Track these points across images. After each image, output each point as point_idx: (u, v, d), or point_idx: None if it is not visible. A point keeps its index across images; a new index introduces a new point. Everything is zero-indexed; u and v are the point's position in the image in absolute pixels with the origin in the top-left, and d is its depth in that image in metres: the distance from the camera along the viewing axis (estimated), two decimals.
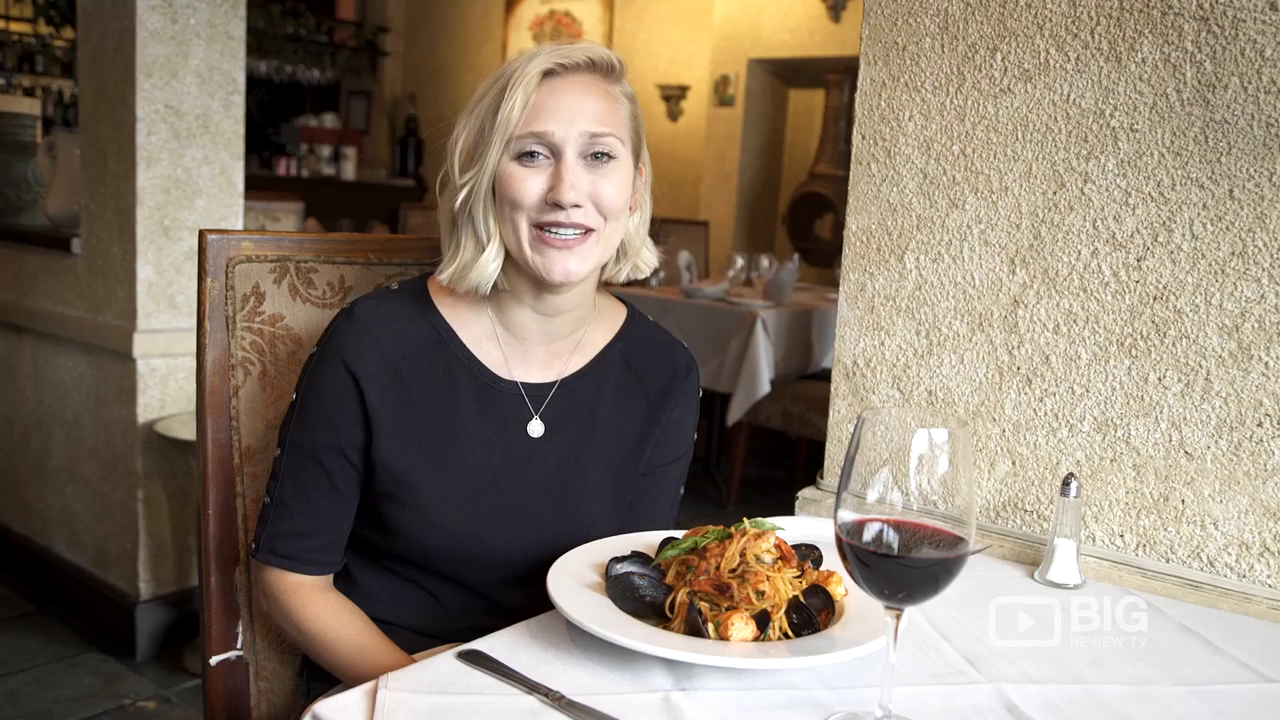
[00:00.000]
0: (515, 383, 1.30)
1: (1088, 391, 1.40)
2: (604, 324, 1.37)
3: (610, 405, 1.34)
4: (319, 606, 1.26)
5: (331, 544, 1.27)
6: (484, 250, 1.21)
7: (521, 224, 1.19)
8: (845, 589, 1.11)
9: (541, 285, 1.23)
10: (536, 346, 1.31)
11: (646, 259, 1.33)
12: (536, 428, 1.30)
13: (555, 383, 1.31)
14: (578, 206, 1.18)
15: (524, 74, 1.17)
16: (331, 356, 1.24)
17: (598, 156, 1.20)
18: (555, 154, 1.19)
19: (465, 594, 1.31)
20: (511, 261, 1.24)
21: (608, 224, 1.22)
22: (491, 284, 1.24)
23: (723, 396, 4.69)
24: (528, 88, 1.17)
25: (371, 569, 1.32)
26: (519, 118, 1.17)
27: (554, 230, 1.19)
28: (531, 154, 1.18)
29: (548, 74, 1.19)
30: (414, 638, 1.30)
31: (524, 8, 8.50)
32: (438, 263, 1.28)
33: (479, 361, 1.28)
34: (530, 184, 1.18)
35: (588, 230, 1.20)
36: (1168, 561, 1.36)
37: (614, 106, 1.22)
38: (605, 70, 1.23)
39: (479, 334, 1.29)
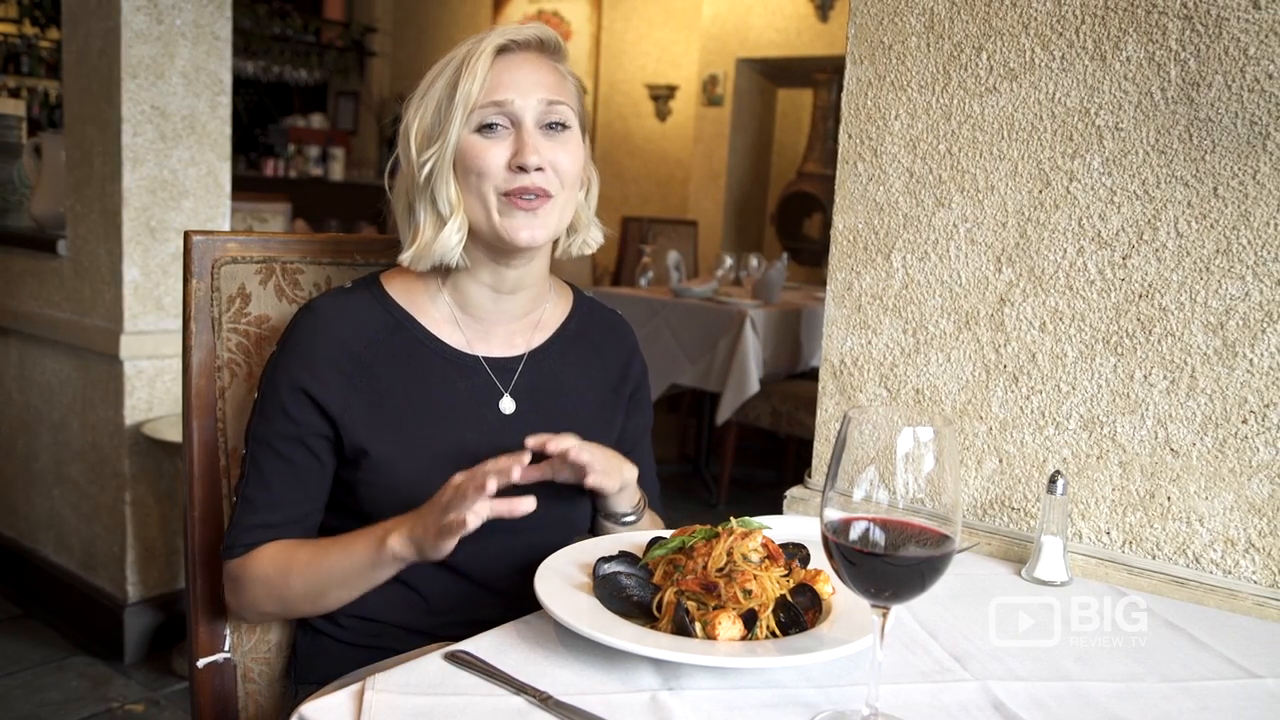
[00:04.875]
0: (479, 358, 1.32)
1: (1074, 389, 1.40)
2: (559, 302, 1.42)
3: (576, 377, 1.38)
4: (280, 549, 1.26)
5: (298, 536, 1.27)
6: (446, 224, 1.25)
7: (489, 193, 1.23)
8: (832, 587, 1.11)
9: (504, 252, 1.27)
10: (496, 326, 1.34)
11: (594, 236, 1.38)
12: (508, 404, 1.33)
13: (523, 356, 1.35)
14: (540, 170, 1.23)
15: (479, 51, 1.23)
16: (292, 350, 1.26)
17: (553, 126, 1.25)
18: (515, 123, 1.24)
19: (452, 585, 1.31)
20: (473, 236, 1.27)
21: (564, 190, 1.27)
22: (457, 256, 1.26)
23: (712, 396, 4.70)
24: (485, 63, 1.22)
25: None
26: (479, 91, 1.22)
27: (520, 196, 1.23)
28: (491, 125, 1.23)
29: (502, 50, 1.24)
30: (402, 634, 1.30)
31: (512, 8, 8.49)
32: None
33: (441, 342, 1.31)
34: (494, 153, 1.23)
35: (548, 195, 1.25)
36: (1154, 558, 1.36)
37: (563, 80, 1.29)
38: (553, 49, 1.29)
39: (438, 318, 1.32)
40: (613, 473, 1.28)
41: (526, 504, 1.08)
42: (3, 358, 3.38)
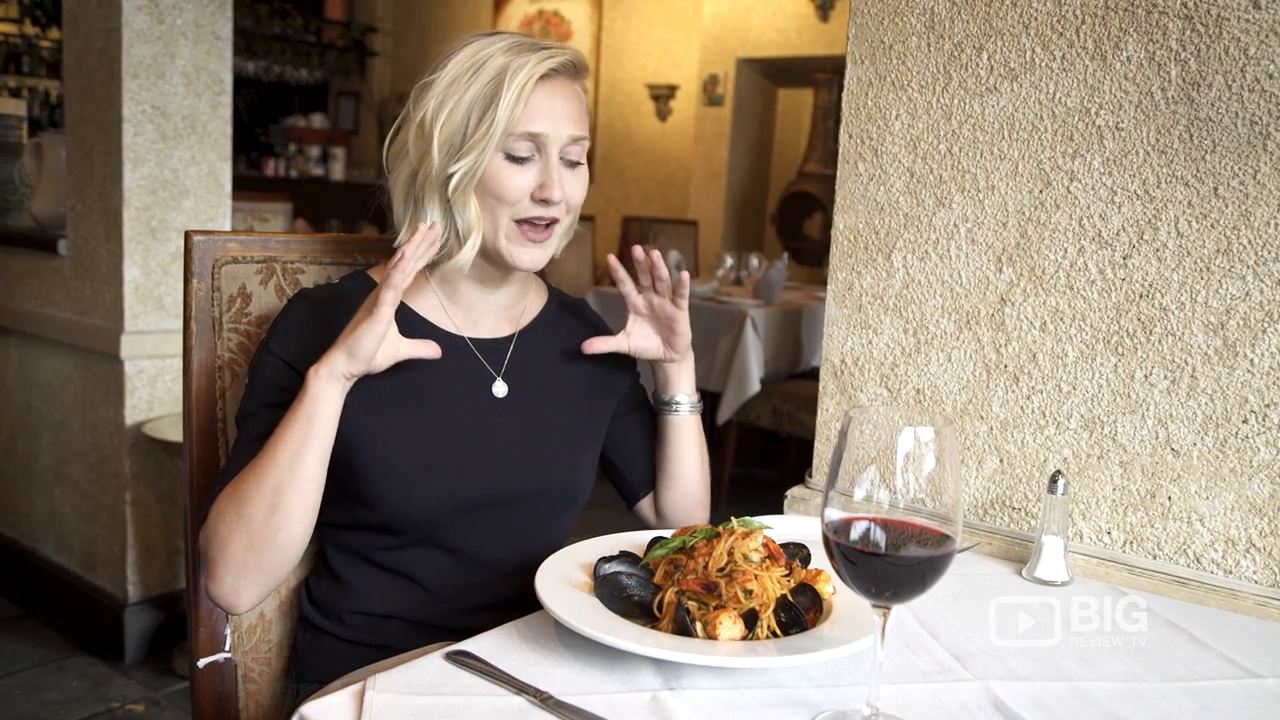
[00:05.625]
0: (471, 342, 1.35)
1: (1075, 389, 1.40)
2: (539, 291, 1.46)
3: (564, 357, 1.41)
4: (222, 495, 1.21)
5: None
6: (465, 242, 1.26)
7: (504, 217, 1.26)
8: (833, 587, 1.12)
9: (502, 268, 1.31)
10: (484, 316, 1.37)
11: (570, 234, 1.41)
12: (500, 388, 1.35)
13: (512, 336, 1.38)
14: (558, 203, 1.27)
15: (524, 73, 1.22)
16: (283, 330, 1.28)
17: (573, 164, 1.29)
18: (541, 152, 1.25)
19: (451, 568, 1.31)
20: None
21: (568, 216, 1.31)
22: (468, 269, 1.29)
23: (713, 395, 4.70)
24: (526, 89, 1.22)
25: (356, 564, 1.32)
26: (518, 117, 1.23)
27: (532, 223, 1.27)
28: (521, 151, 1.25)
29: (542, 76, 1.25)
30: (404, 626, 1.30)
31: (512, 7, 8.50)
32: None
33: (431, 324, 1.33)
34: (519, 181, 1.25)
35: (556, 222, 1.29)
36: (1155, 558, 1.36)
37: (583, 108, 1.31)
38: (583, 72, 1.32)
39: (426, 307, 1.34)
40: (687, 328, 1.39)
41: (433, 349, 1.22)
42: (3, 358, 3.38)
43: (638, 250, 1.32)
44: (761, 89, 7.59)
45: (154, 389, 2.95)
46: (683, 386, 1.46)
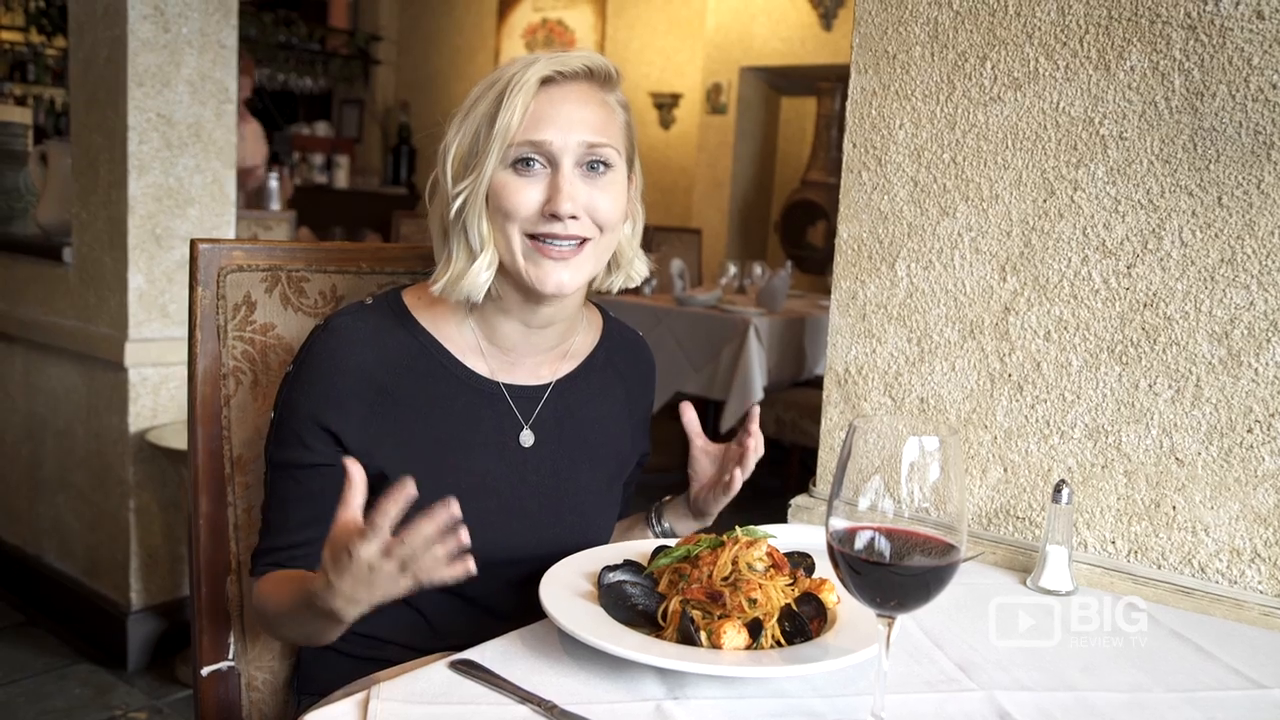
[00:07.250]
0: (501, 386, 1.29)
1: (1079, 398, 1.40)
2: (589, 330, 1.39)
3: (600, 406, 1.36)
4: (271, 581, 1.24)
5: (319, 554, 1.26)
6: (475, 259, 1.20)
7: (515, 235, 1.18)
8: (837, 597, 1.11)
9: (533, 297, 1.22)
10: (524, 358, 1.30)
11: (639, 269, 1.34)
12: (527, 437, 1.30)
13: (548, 385, 1.32)
14: (574, 218, 1.18)
15: (522, 81, 1.16)
16: (310, 376, 1.22)
17: (594, 166, 1.20)
18: (552, 163, 1.18)
19: (455, 608, 1.30)
20: (503, 271, 1.22)
21: (603, 235, 1.22)
22: (484, 293, 1.22)
23: (716, 404, 4.70)
24: (526, 95, 1.16)
25: None
26: (517, 126, 1.16)
27: (549, 241, 1.18)
28: (527, 162, 1.18)
29: (546, 81, 1.18)
30: (401, 652, 1.29)
31: (516, 16, 8.51)
32: (424, 273, 1.28)
33: (466, 368, 1.27)
34: (526, 194, 1.17)
35: (583, 241, 1.20)
36: (1159, 568, 1.36)
37: (610, 116, 1.23)
38: (602, 79, 1.23)
39: (463, 345, 1.28)
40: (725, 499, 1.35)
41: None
42: (8, 365, 3.39)
43: (752, 436, 1.33)
44: (765, 97, 7.60)
45: (158, 396, 2.96)
46: (680, 528, 1.42)
